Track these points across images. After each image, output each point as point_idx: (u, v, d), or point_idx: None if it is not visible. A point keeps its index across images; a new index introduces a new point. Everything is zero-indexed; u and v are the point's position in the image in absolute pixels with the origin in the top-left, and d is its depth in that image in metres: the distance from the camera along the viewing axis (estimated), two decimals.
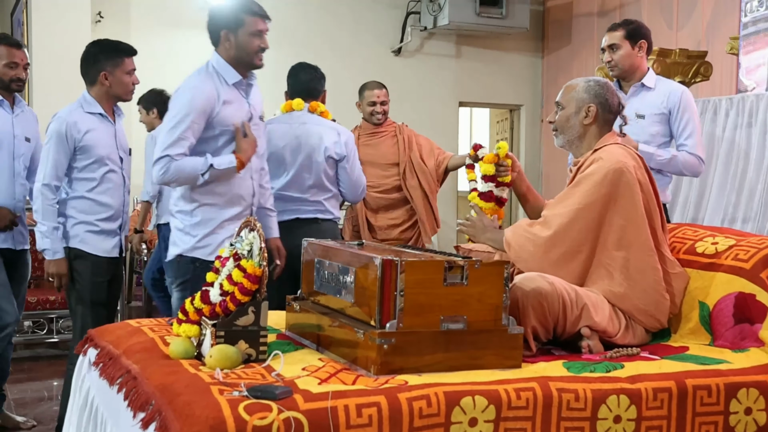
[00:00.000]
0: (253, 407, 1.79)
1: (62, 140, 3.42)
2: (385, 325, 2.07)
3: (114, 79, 3.51)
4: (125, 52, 3.57)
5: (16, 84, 3.77)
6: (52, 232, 3.41)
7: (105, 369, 2.36)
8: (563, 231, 2.50)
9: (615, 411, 2.08)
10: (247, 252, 2.27)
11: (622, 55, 3.58)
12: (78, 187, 3.49)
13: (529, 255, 2.52)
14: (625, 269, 2.51)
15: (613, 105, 2.68)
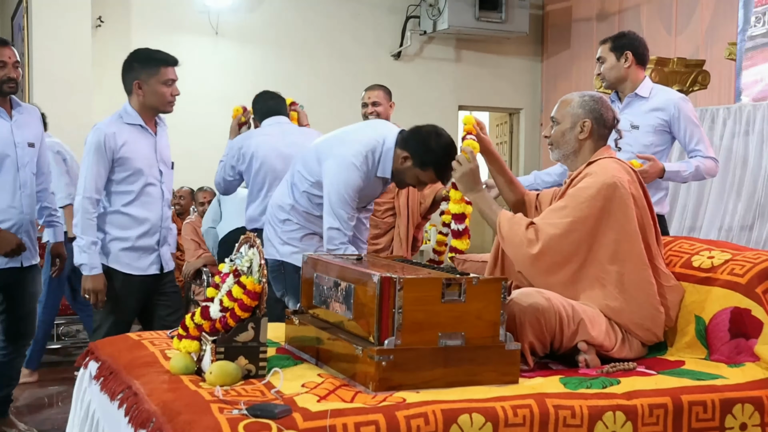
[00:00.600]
0: (252, 426, 1.81)
1: (101, 151, 3.33)
2: (383, 341, 2.09)
3: (148, 88, 3.41)
4: (162, 61, 3.43)
5: (8, 86, 3.52)
6: (90, 246, 3.32)
7: (106, 383, 2.38)
8: (554, 243, 2.52)
9: (611, 427, 2.10)
10: (246, 268, 2.29)
11: (607, 68, 3.66)
12: (115, 202, 3.40)
13: (521, 256, 2.55)
14: (620, 283, 2.53)
15: (608, 119, 2.70)
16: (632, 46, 3.63)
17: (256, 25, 7.98)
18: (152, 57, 3.44)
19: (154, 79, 3.40)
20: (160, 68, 3.41)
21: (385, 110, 4.60)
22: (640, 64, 3.67)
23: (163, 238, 3.52)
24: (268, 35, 8.01)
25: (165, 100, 3.43)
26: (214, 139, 7.73)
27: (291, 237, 3.33)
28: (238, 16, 7.93)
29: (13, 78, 3.52)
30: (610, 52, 3.65)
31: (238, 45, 7.75)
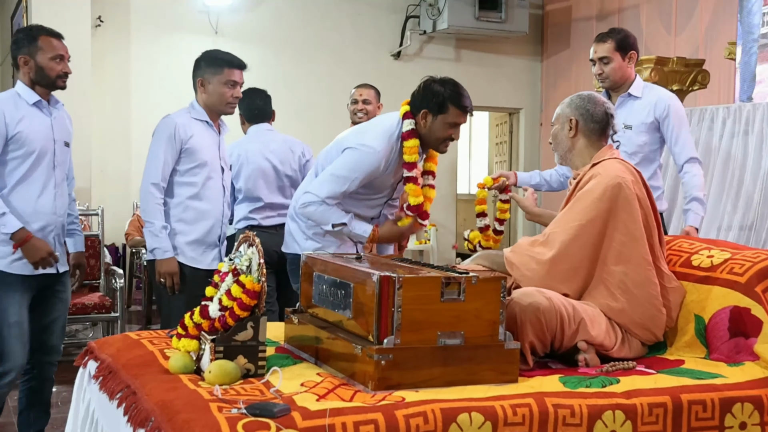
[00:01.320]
0: (251, 425, 1.81)
1: (171, 141, 3.35)
2: (382, 340, 2.09)
3: (210, 87, 3.45)
4: (227, 62, 3.47)
5: (63, 80, 3.32)
6: (161, 230, 3.32)
7: (105, 383, 2.38)
8: (565, 248, 2.52)
9: (611, 426, 2.09)
10: (246, 267, 2.29)
11: (614, 68, 3.56)
12: (180, 192, 3.41)
13: (533, 273, 2.53)
14: (623, 284, 2.53)
15: (597, 114, 2.70)
16: (634, 46, 3.60)
17: (256, 25, 7.98)
18: (218, 57, 3.49)
19: (216, 78, 3.44)
20: (224, 69, 3.45)
21: (373, 109, 4.66)
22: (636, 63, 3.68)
23: (223, 234, 3.54)
24: (268, 35, 8.01)
25: (224, 100, 3.46)
26: None
27: (316, 233, 3.34)
28: (237, 16, 7.93)
29: (68, 73, 3.36)
30: (615, 52, 3.54)
31: (238, 45, 7.74)
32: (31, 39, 3.27)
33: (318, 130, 7.32)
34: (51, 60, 3.26)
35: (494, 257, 2.70)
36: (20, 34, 3.34)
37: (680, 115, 3.60)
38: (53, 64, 3.27)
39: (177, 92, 7.64)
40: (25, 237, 3.18)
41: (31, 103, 3.27)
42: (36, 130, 3.25)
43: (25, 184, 3.24)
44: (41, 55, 3.26)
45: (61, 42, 3.33)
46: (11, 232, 3.15)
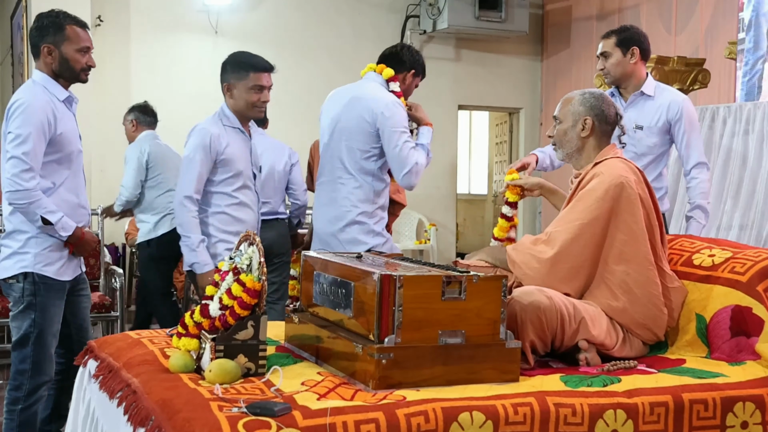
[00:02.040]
0: (252, 424, 1.81)
1: (207, 152, 3.30)
2: (383, 339, 2.09)
3: (236, 92, 3.37)
4: (251, 66, 3.38)
5: (86, 74, 3.21)
6: (199, 244, 3.28)
7: (105, 382, 2.38)
8: (567, 247, 2.51)
9: (612, 425, 2.09)
10: (246, 266, 2.29)
11: (613, 63, 3.56)
12: (218, 202, 3.37)
13: (534, 272, 2.52)
14: (625, 283, 2.52)
15: (610, 116, 2.70)
16: (638, 42, 3.56)
17: (256, 25, 7.98)
18: (242, 61, 3.40)
19: (242, 83, 3.36)
20: (249, 73, 3.36)
21: None
22: (644, 60, 3.60)
23: None
24: (268, 34, 8.00)
25: (250, 103, 3.39)
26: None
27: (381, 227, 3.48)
28: (237, 16, 7.92)
29: (92, 66, 3.22)
30: (616, 48, 3.54)
31: (238, 44, 7.73)
32: (57, 27, 3.09)
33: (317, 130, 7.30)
34: (77, 51, 3.12)
35: (497, 253, 2.69)
36: (45, 20, 3.12)
37: (692, 119, 3.58)
38: (79, 56, 3.12)
39: (177, 92, 7.67)
40: (80, 235, 3.13)
41: (62, 99, 3.15)
42: (70, 129, 3.16)
43: (68, 185, 3.16)
44: (67, 45, 3.10)
45: (87, 32, 3.19)
46: (70, 233, 3.07)
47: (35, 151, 2.98)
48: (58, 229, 3.03)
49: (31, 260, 3.06)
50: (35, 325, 3.08)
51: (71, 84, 3.20)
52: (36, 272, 3.06)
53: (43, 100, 3.04)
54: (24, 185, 2.95)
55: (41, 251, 3.07)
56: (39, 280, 3.07)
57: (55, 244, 3.09)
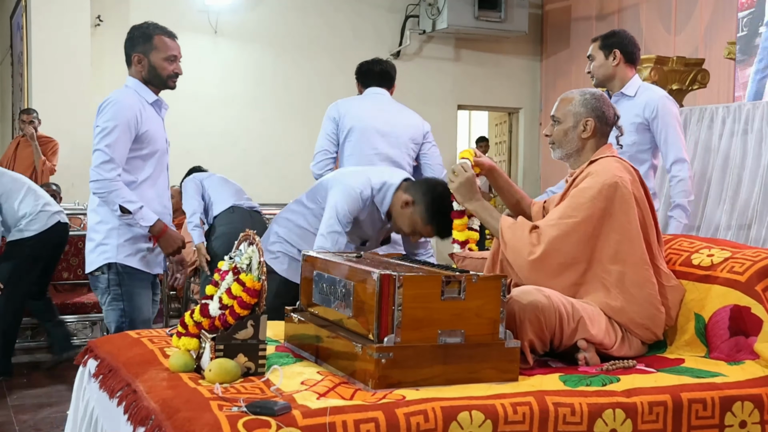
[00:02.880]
0: (251, 423, 1.81)
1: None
2: (383, 339, 2.09)
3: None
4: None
5: (173, 81, 3.33)
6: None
7: (105, 381, 2.38)
8: (557, 244, 2.51)
9: (611, 425, 2.09)
10: (246, 266, 2.29)
11: (596, 65, 3.70)
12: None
13: (523, 261, 2.53)
14: (621, 283, 2.52)
15: (610, 117, 2.70)
16: (621, 45, 3.66)
17: (256, 25, 7.98)
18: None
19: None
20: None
21: None
22: (629, 63, 3.69)
23: None
24: (268, 34, 8.01)
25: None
26: (213, 137, 7.74)
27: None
28: (237, 16, 7.93)
29: (179, 74, 3.36)
30: (599, 50, 3.68)
31: (238, 44, 7.74)
32: (146, 38, 3.28)
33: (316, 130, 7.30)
34: (164, 60, 3.27)
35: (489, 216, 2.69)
36: (136, 32, 3.32)
37: (669, 116, 3.61)
38: (166, 64, 3.28)
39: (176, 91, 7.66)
40: (163, 228, 3.20)
41: (151, 102, 3.28)
42: (156, 128, 3.27)
43: (150, 182, 3.25)
44: (155, 54, 3.26)
45: (176, 42, 3.34)
46: (150, 224, 3.15)
47: (118, 144, 3.12)
48: (137, 219, 3.13)
49: (113, 251, 3.17)
50: (125, 315, 3.20)
51: (160, 90, 3.36)
52: (119, 262, 3.17)
53: (131, 99, 3.20)
54: (104, 175, 3.10)
55: (123, 242, 3.18)
56: (122, 270, 3.18)
57: (135, 236, 3.18)
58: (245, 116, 7.66)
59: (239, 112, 7.74)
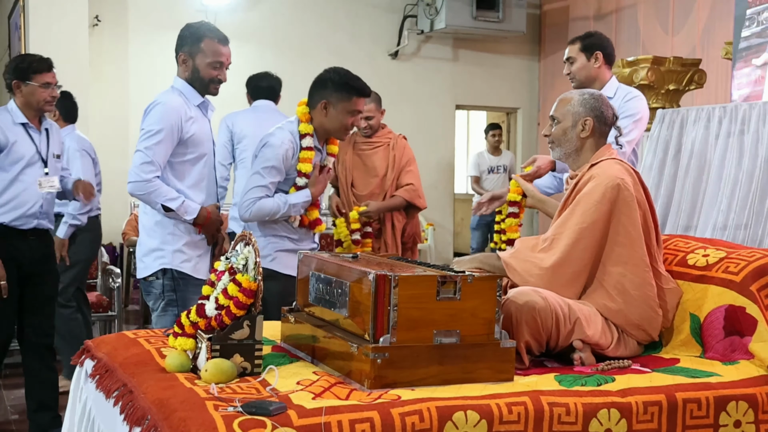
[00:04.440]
0: (247, 423, 1.82)
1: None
2: (378, 339, 2.10)
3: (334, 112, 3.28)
4: (355, 90, 3.28)
5: (216, 87, 3.27)
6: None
7: (101, 381, 2.38)
8: (569, 252, 2.51)
9: (606, 424, 2.10)
10: (242, 266, 2.30)
11: (578, 68, 3.67)
12: None
13: (536, 279, 2.51)
14: (621, 285, 2.53)
15: (608, 117, 2.71)
16: (602, 46, 3.66)
17: (254, 25, 7.98)
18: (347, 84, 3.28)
19: (342, 105, 3.27)
20: (352, 98, 3.27)
21: (376, 122, 4.63)
22: (609, 64, 3.71)
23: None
24: (265, 35, 8.01)
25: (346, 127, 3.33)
26: None
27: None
28: (235, 16, 7.93)
29: (223, 80, 3.29)
30: (580, 53, 3.67)
31: (236, 44, 7.70)
32: (195, 39, 3.20)
33: None
34: (209, 65, 3.20)
35: (490, 260, 2.65)
36: (187, 31, 3.24)
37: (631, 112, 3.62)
38: (210, 70, 3.20)
39: None
40: (206, 214, 3.19)
41: (197, 104, 3.24)
42: (202, 131, 3.23)
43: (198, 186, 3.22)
44: (201, 57, 3.19)
45: (227, 47, 3.27)
46: (195, 216, 3.14)
47: (160, 147, 3.09)
48: (181, 214, 3.13)
49: (169, 257, 3.16)
50: None
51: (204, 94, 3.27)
52: (174, 268, 3.16)
53: (177, 102, 3.17)
54: (142, 176, 3.08)
55: (179, 248, 3.16)
56: (177, 276, 3.16)
57: (191, 242, 3.19)
58: None
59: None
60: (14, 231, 3.58)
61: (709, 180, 4.48)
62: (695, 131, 4.44)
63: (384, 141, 4.61)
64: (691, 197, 4.65)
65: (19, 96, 3.63)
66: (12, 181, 3.55)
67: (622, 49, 7.57)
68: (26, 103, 3.62)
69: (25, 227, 3.61)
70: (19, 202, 3.57)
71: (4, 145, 3.54)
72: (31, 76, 3.62)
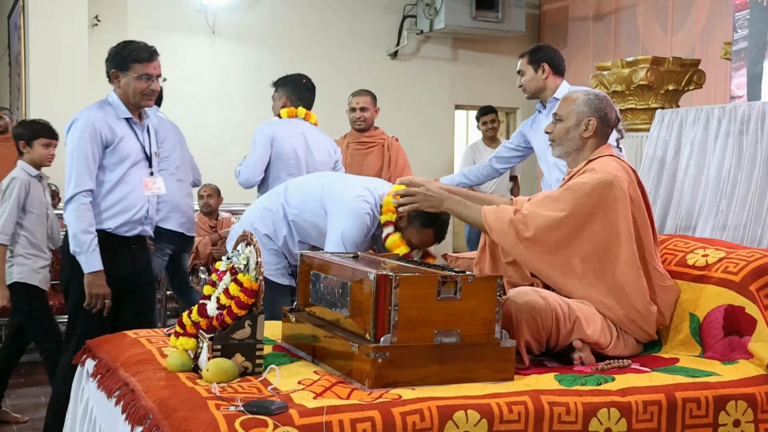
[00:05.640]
0: (249, 422, 1.82)
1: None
2: (379, 339, 2.11)
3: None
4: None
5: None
6: None
7: (103, 381, 2.39)
8: (544, 234, 2.52)
9: (606, 424, 2.11)
10: (243, 266, 2.30)
11: (527, 80, 3.87)
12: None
13: (510, 244, 2.56)
14: (611, 282, 2.54)
15: (611, 119, 2.72)
16: (548, 58, 3.85)
17: (253, 25, 7.98)
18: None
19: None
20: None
21: (371, 115, 4.69)
22: (558, 74, 3.87)
23: None
24: (265, 34, 8.01)
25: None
26: (211, 137, 7.74)
27: None
28: (235, 16, 7.93)
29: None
30: (528, 66, 3.85)
31: (235, 44, 7.74)
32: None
33: None
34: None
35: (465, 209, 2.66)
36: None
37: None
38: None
39: (174, 91, 7.66)
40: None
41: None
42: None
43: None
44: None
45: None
46: None
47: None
48: None
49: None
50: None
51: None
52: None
53: None
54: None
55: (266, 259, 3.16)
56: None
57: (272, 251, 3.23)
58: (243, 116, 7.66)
59: (237, 111, 7.74)
60: (118, 239, 3.25)
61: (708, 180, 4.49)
62: (694, 131, 4.45)
63: (378, 141, 4.67)
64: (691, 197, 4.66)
65: (117, 87, 3.30)
66: (117, 183, 3.23)
67: (621, 50, 7.58)
68: (124, 95, 3.30)
69: (129, 234, 3.29)
70: (126, 206, 3.25)
71: (111, 141, 3.21)
72: (129, 65, 3.29)
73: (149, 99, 3.34)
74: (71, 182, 3.14)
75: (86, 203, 3.13)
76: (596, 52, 7.98)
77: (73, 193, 3.13)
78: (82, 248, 3.11)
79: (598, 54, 7.84)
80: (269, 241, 3.25)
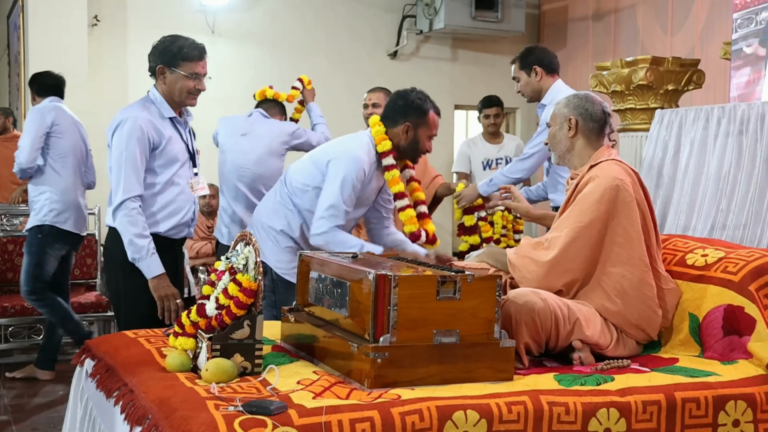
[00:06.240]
0: (248, 423, 1.82)
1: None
2: (378, 339, 2.11)
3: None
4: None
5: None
6: None
7: (102, 381, 2.39)
8: (565, 250, 2.53)
9: (605, 424, 2.11)
10: (242, 266, 2.30)
11: (522, 85, 3.88)
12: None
13: (532, 274, 2.55)
14: (620, 285, 2.55)
15: (595, 113, 2.72)
16: (538, 60, 3.83)
17: (253, 24, 7.98)
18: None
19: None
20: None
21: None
22: (551, 73, 3.85)
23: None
24: (265, 34, 8.01)
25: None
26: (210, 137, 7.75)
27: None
28: (234, 16, 7.93)
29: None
30: (520, 71, 3.85)
31: (235, 44, 7.74)
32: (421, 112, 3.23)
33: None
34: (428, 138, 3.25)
35: (498, 256, 2.71)
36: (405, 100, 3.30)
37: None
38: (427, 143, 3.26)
39: None
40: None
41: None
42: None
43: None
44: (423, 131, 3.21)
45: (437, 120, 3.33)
46: None
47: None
48: None
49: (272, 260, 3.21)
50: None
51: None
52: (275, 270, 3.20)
53: None
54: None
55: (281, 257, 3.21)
56: (276, 278, 3.20)
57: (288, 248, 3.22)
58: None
59: (236, 111, 7.74)
60: (169, 241, 3.19)
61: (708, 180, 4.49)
62: (694, 131, 4.45)
63: None
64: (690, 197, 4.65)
65: (161, 83, 3.18)
66: (167, 184, 3.15)
67: (620, 50, 7.58)
68: (168, 92, 3.18)
69: (178, 236, 3.23)
70: (176, 208, 3.19)
71: (158, 144, 3.12)
72: (179, 62, 3.14)
73: (194, 98, 3.25)
74: (119, 187, 3.03)
75: (137, 208, 3.04)
76: (596, 52, 7.98)
77: (123, 199, 3.02)
78: (141, 254, 3.01)
79: (598, 54, 7.85)
80: (285, 237, 3.24)
